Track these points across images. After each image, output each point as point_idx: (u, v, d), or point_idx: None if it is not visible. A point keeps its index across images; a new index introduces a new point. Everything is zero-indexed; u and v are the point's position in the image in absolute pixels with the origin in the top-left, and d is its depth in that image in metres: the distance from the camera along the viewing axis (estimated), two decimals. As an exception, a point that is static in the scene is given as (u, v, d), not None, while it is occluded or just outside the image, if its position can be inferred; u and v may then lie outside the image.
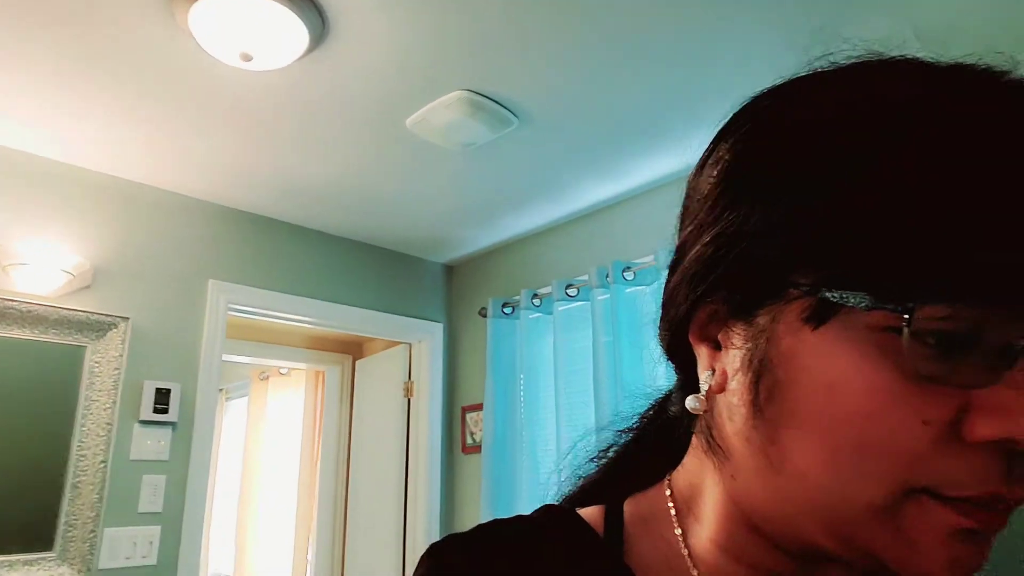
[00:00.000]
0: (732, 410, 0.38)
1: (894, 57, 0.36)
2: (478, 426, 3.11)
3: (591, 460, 0.53)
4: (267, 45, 1.72)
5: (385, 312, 3.15)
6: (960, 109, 0.31)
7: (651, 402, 0.52)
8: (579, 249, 2.88)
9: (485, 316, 3.06)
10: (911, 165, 0.30)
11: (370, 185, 2.61)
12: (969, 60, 0.35)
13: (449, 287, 3.45)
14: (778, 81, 0.38)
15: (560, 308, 2.78)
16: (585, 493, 0.51)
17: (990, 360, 0.30)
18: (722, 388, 0.39)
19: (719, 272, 0.37)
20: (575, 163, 2.47)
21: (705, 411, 0.41)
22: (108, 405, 2.24)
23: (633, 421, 0.53)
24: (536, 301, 2.91)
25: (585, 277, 2.73)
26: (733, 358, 0.38)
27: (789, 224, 0.33)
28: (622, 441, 0.52)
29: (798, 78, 0.37)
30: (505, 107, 2.09)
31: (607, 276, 2.59)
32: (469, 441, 3.16)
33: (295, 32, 1.69)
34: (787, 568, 0.40)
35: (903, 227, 0.30)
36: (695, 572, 0.42)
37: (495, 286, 3.19)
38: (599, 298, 2.60)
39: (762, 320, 0.36)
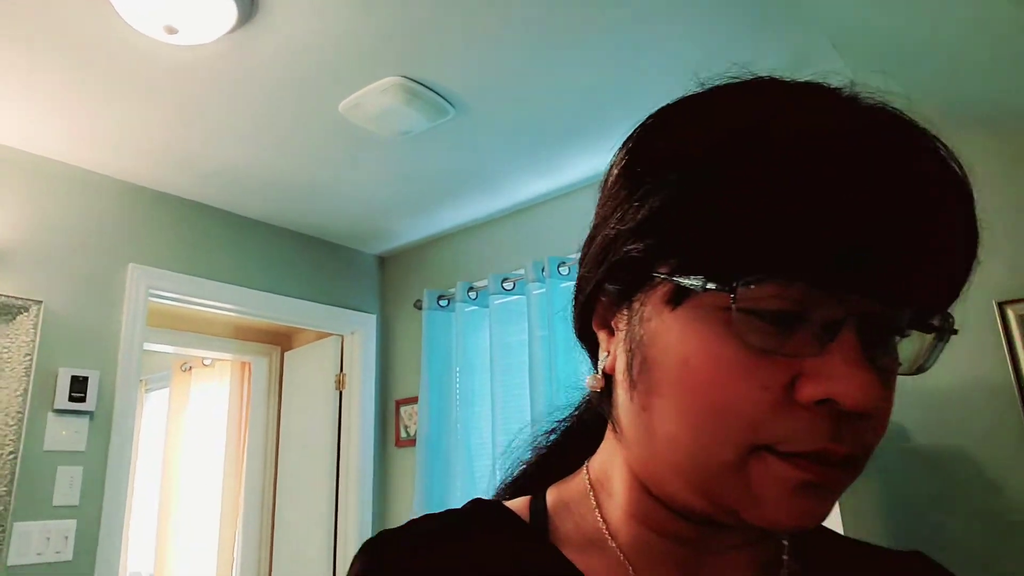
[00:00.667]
0: (620, 387, 0.43)
1: (747, 79, 0.40)
2: (412, 419, 3.09)
3: (531, 449, 0.56)
4: (193, 18, 1.65)
5: (316, 302, 3.08)
6: (779, 123, 0.36)
7: (584, 394, 0.55)
8: (515, 243, 2.90)
9: (420, 308, 3.04)
10: (731, 171, 0.35)
11: (300, 170, 2.54)
12: (815, 79, 0.40)
13: (383, 278, 3.41)
14: (672, 99, 0.44)
15: (496, 302, 2.79)
16: (520, 482, 0.54)
17: (816, 333, 0.35)
18: (614, 370, 0.43)
19: (607, 265, 0.42)
20: (512, 156, 2.49)
21: (603, 391, 0.46)
22: (18, 393, 2.09)
23: (567, 412, 0.56)
24: (472, 294, 2.91)
25: (521, 271, 2.75)
26: (619, 340, 0.43)
27: (653, 222, 0.38)
28: (558, 431, 0.56)
29: (675, 100, 0.43)
30: (442, 96, 2.08)
31: (543, 270, 2.62)
32: (403, 435, 3.13)
33: (223, 5, 1.62)
34: (691, 533, 0.44)
35: (726, 221, 0.35)
36: (613, 543, 0.45)
37: (430, 278, 3.17)
38: (535, 292, 2.62)
39: (636, 305, 0.41)
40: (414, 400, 3.06)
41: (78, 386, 2.20)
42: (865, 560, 0.51)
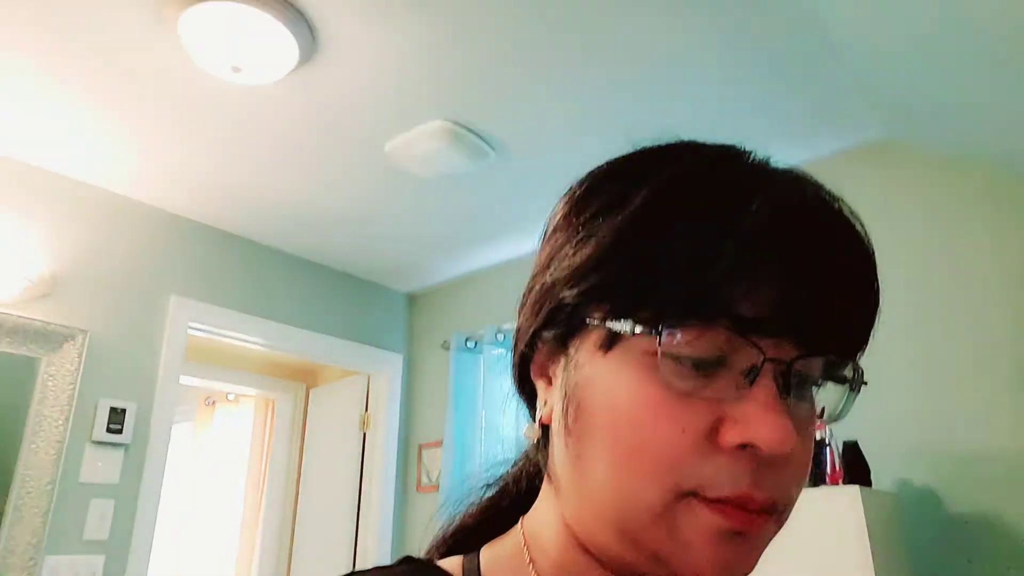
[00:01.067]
0: (556, 435, 0.43)
1: (672, 142, 0.44)
2: (435, 464, 3.06)
3: (467, 505, 0.54)
4: (256, 58, 1.71)
5: (346, 339, 3.08)
6: (698, 183, 0.39)
7: (523, 448, 0.54)
8: (547, 288, 2.90)
9: (447, 349, 3.05)
10: (657, 225, 0.38)
11: (341, 207, 2.58)
12: (726, 142, 0.43)
13: (411, 317, 3.42)
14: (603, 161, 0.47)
15: (526, 346, 2.78)
16: (454, 539, 0.52)
17: (737, 379, 0.37)
18: (551, 419, 0.44)
19: (542, 315, 0.43)
20: (548, 200, 2.43)
21: (540, 442, 0.46)
22: (60, 422, 2.09)
23: (505, 467, 0.55)
24: (500, 336, 2.92)
25: (553, 316, 2.75)
26: (557, 389, 0.43)
27: (587, 268, 0.40)
28: (495, 486, 0.54)
29: (612, 159, 0.46)
30: (484, 140, 2.13)
31: (576, 316, 2.62)
32: (424, 480, 3.10)
33: (284, 46, 1.69)
34: None
35: (652, 270, 0.37)
36: None
37: (458, 319, 3.16)
38: (566, 338, 2.61)
39: (571, 352, 0.42)
40: (437, 444, 3.04)
41: (116, 417, 2.21)
42: None
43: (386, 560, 2.97)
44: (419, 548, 0.50)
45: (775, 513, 0.38)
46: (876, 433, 1.69)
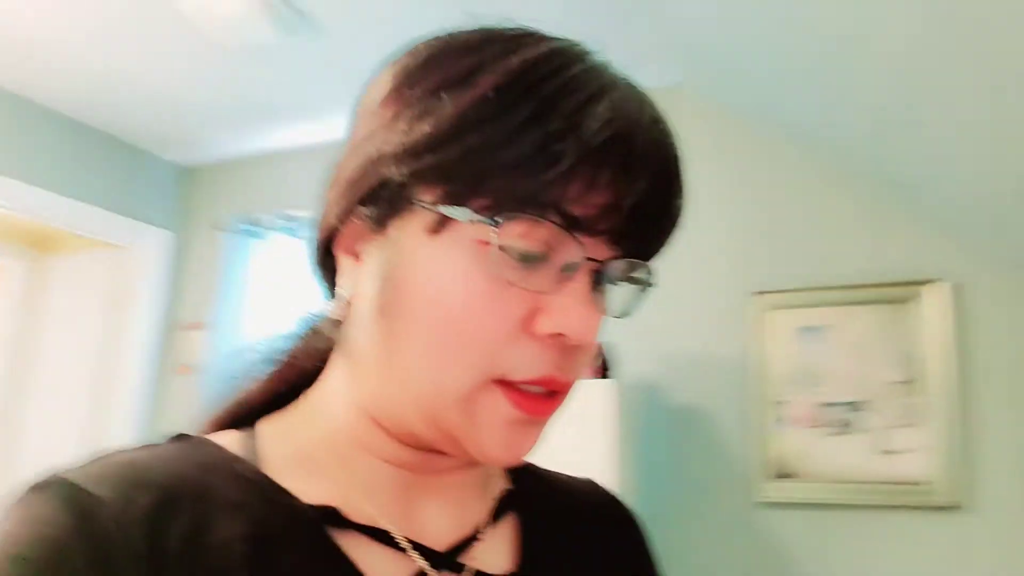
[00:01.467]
0: (362, 315, 0.43)
1: (519, 27, 0.42)
2: (198, 345, 2.91)
3: (246, 380, 0.52)
4: None
5: (97, 206, 2.73)
6: (553, 75, 0.38)
7: (308, 324, 0.53)
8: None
9: (223, 230, 2.85)
10: (496, 118, 0.37)
11: (109, 59, 2.25)
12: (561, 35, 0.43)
13: (184, 192, 3.10)
14: (441, 32, 0.44)
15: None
16: (234, 413, 0.50)
17: (556, 273, 0.39)
18: (357, 297, 0.44)
19: (361, 190, 0.42)
20: (358, 87, 2.42)
21: (341, 320, 0.46)
22: None
23: (286, 342, 0.53)
24: (284, 222, 2.80)
25: (344, 205, 2.69)
26: (369, 267, 0.42)
27: (422, 146, 0.38)
28: (276, 362, 0.52)
29: (453, 32, 0.43)
30: (296, 10, 1.98)
31: (368, 208, 2.60)
32: (187, 361, 2.93)
33: None
34: (412, 458, 0.46)
35: (491, 161, 0.37)
36: (333, 470, 0.45)
37: (243, 200, 2.94)
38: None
39: (393, 232, 0.41)
40: (202, 326, 2.88)
41: None
42: (556, 481, 0.58)
43: (138, 438, 2.77)
44: (177, 430, 0.46)
45: (564, 396, 0.42)
46: (620, 334, 1.89)
